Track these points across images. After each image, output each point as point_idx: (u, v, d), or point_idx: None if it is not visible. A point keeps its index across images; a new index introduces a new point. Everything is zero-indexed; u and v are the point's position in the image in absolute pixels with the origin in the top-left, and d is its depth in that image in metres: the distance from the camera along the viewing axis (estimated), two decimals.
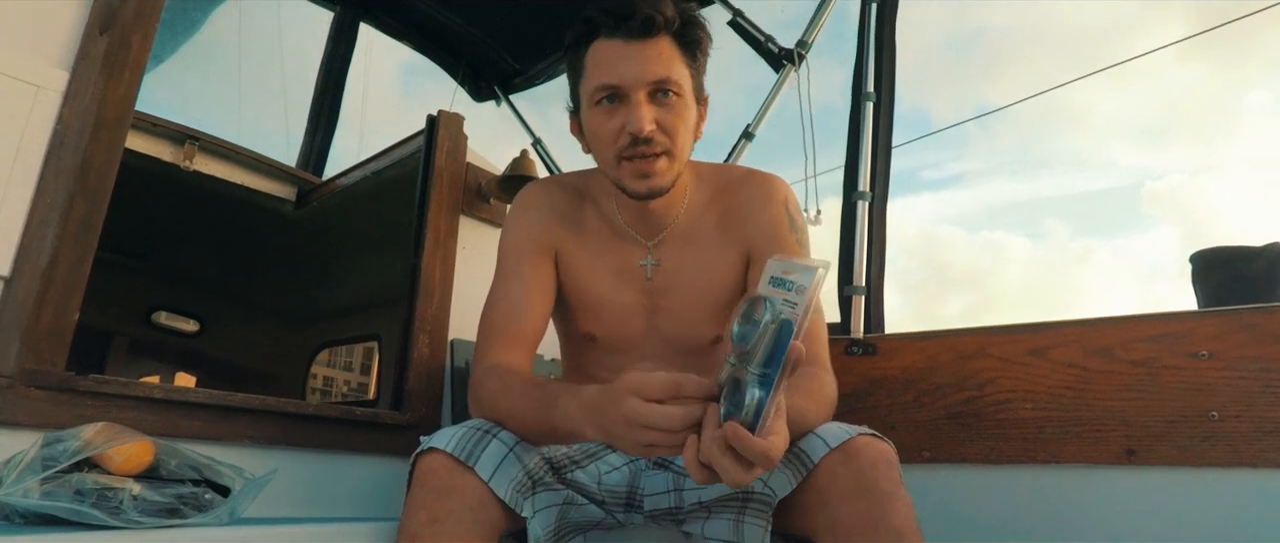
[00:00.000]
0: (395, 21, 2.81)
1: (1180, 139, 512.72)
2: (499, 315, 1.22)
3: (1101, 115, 69.61)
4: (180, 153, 2.44)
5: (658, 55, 1.11)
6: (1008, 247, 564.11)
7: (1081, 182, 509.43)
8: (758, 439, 0.76)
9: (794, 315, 0.76)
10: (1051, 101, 32.50)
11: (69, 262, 1.19)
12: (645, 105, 1.11)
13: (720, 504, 1.11)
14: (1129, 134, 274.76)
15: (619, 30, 1.11)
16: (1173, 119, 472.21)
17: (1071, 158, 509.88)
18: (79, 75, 1.24)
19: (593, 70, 1.14)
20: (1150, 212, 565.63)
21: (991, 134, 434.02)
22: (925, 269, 39.82)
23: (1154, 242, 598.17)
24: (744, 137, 2.20)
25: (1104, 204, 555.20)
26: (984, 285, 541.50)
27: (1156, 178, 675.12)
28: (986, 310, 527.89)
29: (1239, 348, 1.25)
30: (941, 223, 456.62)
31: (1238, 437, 1.22)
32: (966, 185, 45.82)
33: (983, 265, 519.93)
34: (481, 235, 1.98)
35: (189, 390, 1.38)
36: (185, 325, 3.69)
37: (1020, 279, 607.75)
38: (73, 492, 0.92)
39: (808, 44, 2.11)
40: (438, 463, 0.99)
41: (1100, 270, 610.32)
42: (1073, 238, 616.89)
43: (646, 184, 1.14)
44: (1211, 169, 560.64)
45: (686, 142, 1.17)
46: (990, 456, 1.46)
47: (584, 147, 1.23)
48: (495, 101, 2.92)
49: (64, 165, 1.20)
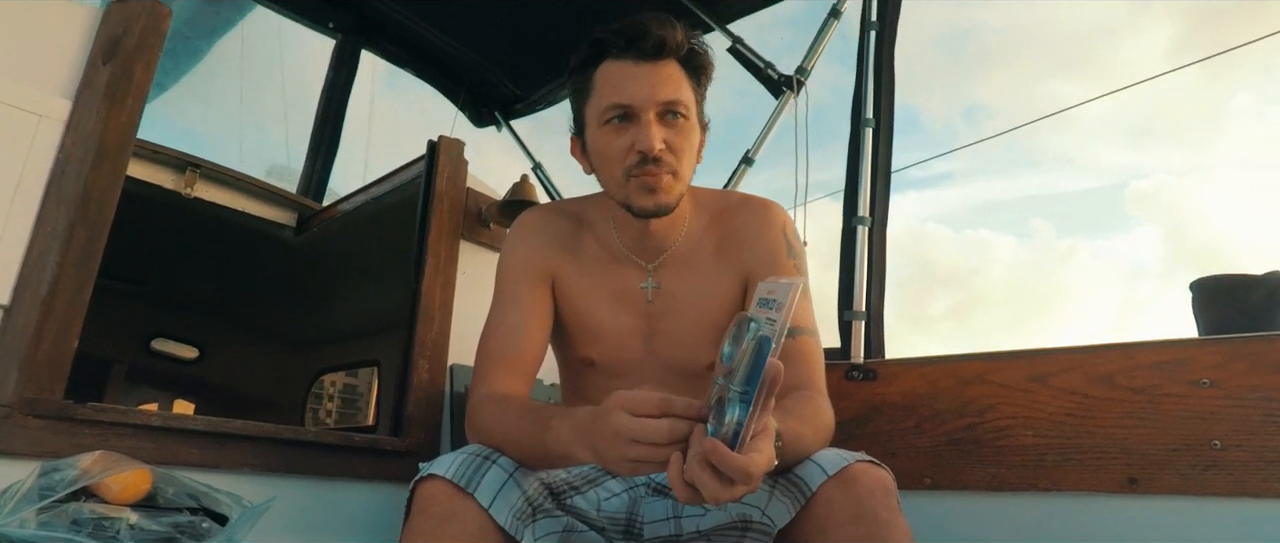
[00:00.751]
0: (396, 48, 2.84)
1: (1166, 140, 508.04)
2: (497, 342, 1.22)
3: (1090, 116, 67.09)
4: (181, 180, 2.45)
5: (668, 77, 1.14)
6: (994, 245, 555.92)
7: (1067, 181, 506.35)
8: (736, 456, 0.76)
9: (772, 332, 0.76)
10: (1040, 101, 32.21)
11: (69, 291, 1.19)
12: (655, 125, 1.12)
13: (719, 533, 1.10)
14: (1115, 134, 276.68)
15: (629, 51, 1.13)
16: (1159, 120, 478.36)
17: (1059, 157, 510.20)
18: (81, 104, 1.25)
19: (603, 90, 1.15)
20: (1134, 212, 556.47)
21: (980, 132, 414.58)
22: (912, 267, 39.35)
23: (1137, 242, 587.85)
24: (744, 162, 2.21)
25: (1089, 204, 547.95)
26: (970, 284, 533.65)
27: (1141, 177, 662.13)
28: (973, 308, 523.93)
29: (1240, 376, 1.24)
30: (928, 221, 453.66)
31: (1240, 466, 1.22)
32: (954, 184, 45.23)
33: (970, 264, 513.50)
34: (482, 260, 1.98)
35: (187, 418, 1.37)
36: (184, 352, 3.68)
37: (1006, 278, 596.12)
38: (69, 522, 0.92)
39: (807, 71, 2.13)
40: (437, 489, 0.98)
41: (1084, 270, 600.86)
42: (1058, 237, 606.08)
43: (654, 199, 1.14)
44: (1197, 170, 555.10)
45: (690, 163, 1.19)
46: (991, 483, 1.45)
47: (586, 168, 1.24)
48: (496, 127, 2.94)
49: (65, 194, 1.20)
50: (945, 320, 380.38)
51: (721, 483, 0.77)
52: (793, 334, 1.16)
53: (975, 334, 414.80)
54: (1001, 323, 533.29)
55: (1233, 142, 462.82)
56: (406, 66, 2.88)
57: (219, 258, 3.04)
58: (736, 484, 0.77)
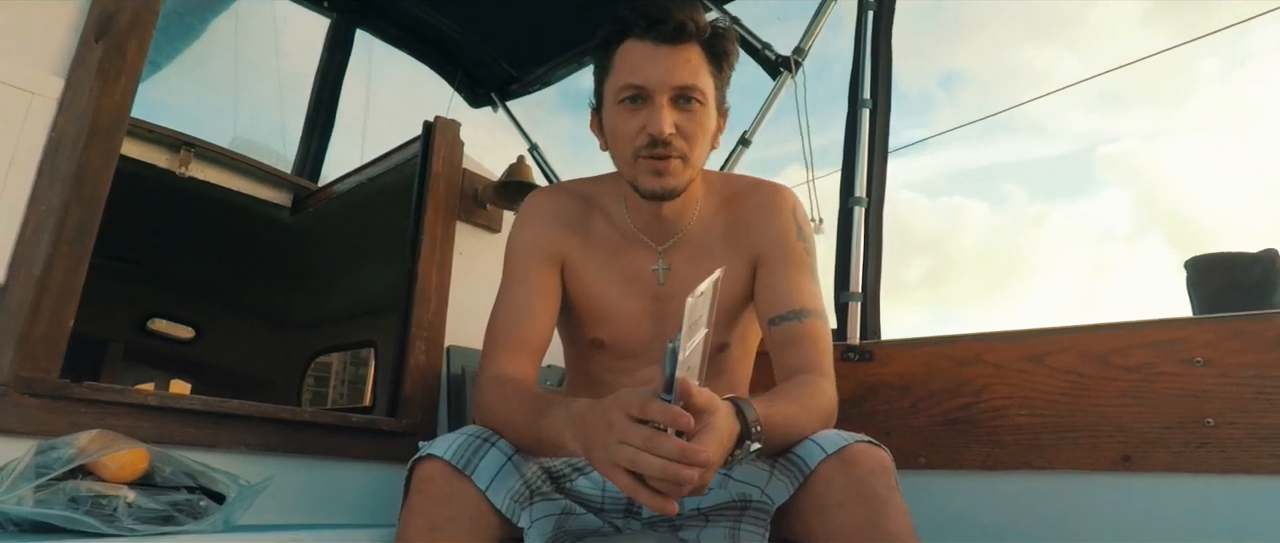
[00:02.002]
0: (392, 28, 2.82)
1: (1135, 106, 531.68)
2: (504, 322, 1.22)
3: (1060, 79, 67.11)
4: (176, 160, 2.44)
5: (686, 62, 1.13)
6: (967, 212, 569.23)
7: (1038, 147, 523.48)
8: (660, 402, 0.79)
9: (677, 342, 0.77)
10: (1016, 68, 30.99)
11: (64, 269, 1.18)
12: (667, 109, 1.12)
13: (719, 512, 1.11)
14: (1085, 99, 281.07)
15: (650, 33, 1.13)
16: (1128, 86, 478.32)
17: (1029, 122, 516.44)
18: (74, 83, 1.24)
19: (620, 69, 1.16)
20: (1104, 176, 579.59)
21: (957, 100, 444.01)
22: (887, 235, 39.91)
23: (1106, 206, 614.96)
24: (741, 144, 2.20)
25: (1059, 169, 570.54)
26: (944, 250, 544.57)
27: (1111, 142, 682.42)
28: (946, 274, 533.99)
29: (1233, 354, 1.25)
30: (903, 189, 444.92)
31: (1232, 443, 1.23)
32: (927, 152, 44.85)
33: (944, 230, 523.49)
34: (478, 241, 1.98)
35: (184, 397, 1.37)
36: (181, 332, 3.68)
37: (979, 244, 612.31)
38: (67, 499, 0.92)
39: (804, 52, 2.12)
40: (435, 470, 0.99)
41: (1055, 234, 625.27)
42: (1030, 202, 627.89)
43: (660, 183, 1.15)
44: (1163, 135, 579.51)
45: (703, 150, 1.19)
46: (986, 462, 1.46)
47: (601, 144, 1.24)
48: (492, 108, 2.92)
49: (59, 173, 1.20)
50: (920, 287, 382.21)
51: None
52: (798, 316, 1.17)
53: (947, 300, 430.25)
54: (974, 288, 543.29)
55: (1199, 106, 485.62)
56: (402, 46, 2.85)
57: (214, 238, 3.03)
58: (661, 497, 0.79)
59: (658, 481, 0.78)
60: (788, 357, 1.15)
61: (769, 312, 1.20)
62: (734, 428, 0.87)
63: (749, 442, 0.89)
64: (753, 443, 0.90)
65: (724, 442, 0.84)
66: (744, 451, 0.89)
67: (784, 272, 1.21)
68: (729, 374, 1.31)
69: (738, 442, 0.88)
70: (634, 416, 0.79)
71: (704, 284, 0.79)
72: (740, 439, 0.89)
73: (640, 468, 0.78)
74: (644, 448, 0.78)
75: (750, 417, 0.89)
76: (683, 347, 0.76)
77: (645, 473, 0.78)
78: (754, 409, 0.90)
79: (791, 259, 1.22)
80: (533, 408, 1.01)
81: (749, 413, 0.90)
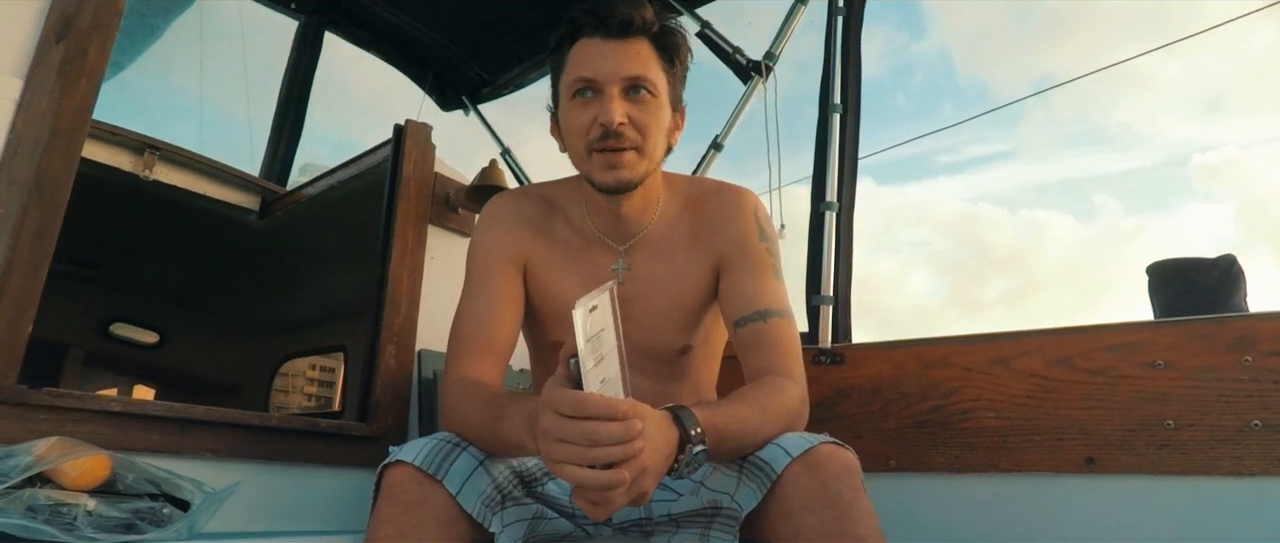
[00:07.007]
0: (361, 30, 2.79)
1: (1233, 110, 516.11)
2: (468, 327, 1.22)
3: (1165, 85, 64.59)
4: (140, 162, 2.40)
5: (635, 54, 1.15)
6: (1053, 226, 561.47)
7: (1127, 158, 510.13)
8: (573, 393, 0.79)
9: (577, 356, 0.77)
10: (1113, 70, 31.10)
11: (23, 274, 1.16)
12: (618, 99, 1.14)
13: (689, 518, 1.11)
14: (1186, 105, 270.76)
15: (599, 29, 1.16)
16: (1226, 90, 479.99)
17: (1122, 132, 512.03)
18: (33, 84, 1.21)
19: (571, 66, 1.17)
20: (1202, 187, 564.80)
21: (1049, 103, 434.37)
22: (963, 251, 39.16)
23: (1206, 217, 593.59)
24: (713, 147, 2.21)
25: (1152, 180, 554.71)
26: (1027, 266, 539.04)
27: (1207, 150, 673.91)
28: (1029, 292, 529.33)
29: (1193, 358, 1.27)
30: (979, 202, 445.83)
31: (1192, 445, 1.25)
32: (1008, 163, 44.26)
33: (1026, 245, 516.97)
34: (450, 245, 1.97)
35: (147, 403, 1.34)
36: (144, 337, 3.61)
37: (1066, 259, 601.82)
38: (24, 508, 0.90)
39: (775, 56, 2.13)
40: (405, 475, 0.98)
41: (1153, 249, 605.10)
42: (1125, 215, 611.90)
43: (614, 176, 1.15)
44: (1265, 142, 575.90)
45: (658, 142, 1.19)
46: (955, 464, 1.48)
47: (560, 146, 1.25)
48: (463, 111, 2.91)
49: (17, 176, 1.17)
50: (999, 306, 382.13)
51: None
52: (763, 317, 1.17)
53: (1030, 319, 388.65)
54: (1060, 307, 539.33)
55: None
56: (371, 49, 2.83)
57: (180, 242, 2.98)
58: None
59: (591, 492, 0.79)
60: (753, 359, 1.16)
61: (733, 314, 1.21)
62: (671, 435, 0.87)
63: (690, 446, 0.89)
64: (694, 447, 0.89)
65: (660, 448, 0.84)
66: (688, 455, 0.89)
67: (747, 274, 1.22)
68: (692, 378, 1.31)
69: (680, 447, 0.88)
70: (565, 413, 0.79)
71: (593, 296, 0.79)
72: (682, 445, 0.89)
73: (574, 479, 0.79)
74: (583, 445, 0.78)
75: (688, 422, 0.90)
76: (584, 359, 0.76)
77: (573, 484, 0.79)
78: (693, 415, 0.91)
79: (754, 261, 1.22)
80: (493, 410, 1.01)
81: (687, 418, 0.90)
